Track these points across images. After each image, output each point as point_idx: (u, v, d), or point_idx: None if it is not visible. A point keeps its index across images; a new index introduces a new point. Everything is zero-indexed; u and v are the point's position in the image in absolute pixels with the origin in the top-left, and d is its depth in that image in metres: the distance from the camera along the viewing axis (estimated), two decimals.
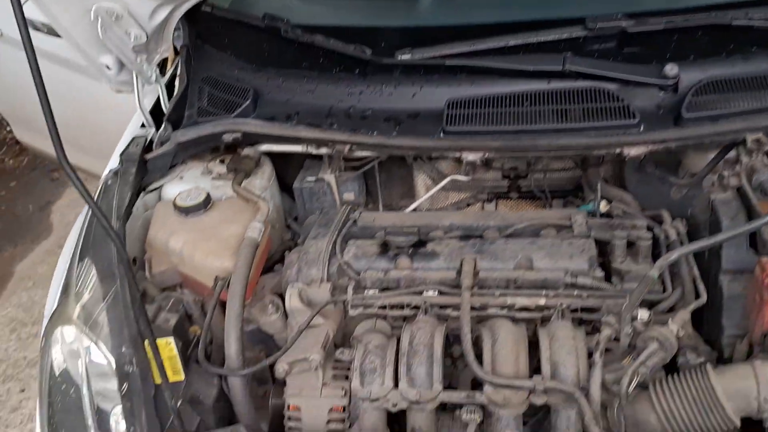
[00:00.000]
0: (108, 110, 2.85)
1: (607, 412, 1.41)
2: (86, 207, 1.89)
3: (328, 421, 1.49)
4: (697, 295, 1.56)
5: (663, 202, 1.85)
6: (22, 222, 4.50)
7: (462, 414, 1.41)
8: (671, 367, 1.44)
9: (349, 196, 2.26)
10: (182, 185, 1.95)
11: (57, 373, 1.52)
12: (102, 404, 1.39)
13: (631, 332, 1.40)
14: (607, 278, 1.65)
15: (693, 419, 1.31)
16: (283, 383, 1.55)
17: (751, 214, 1.64)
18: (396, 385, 1.42)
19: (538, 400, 1.34)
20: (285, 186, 2.27)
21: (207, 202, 1.81)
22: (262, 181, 2.01)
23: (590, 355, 1.40)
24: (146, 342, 1.44)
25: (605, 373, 1.39)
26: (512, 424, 1.37)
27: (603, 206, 1.85)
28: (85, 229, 1.76)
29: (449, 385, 1.64)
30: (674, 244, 1.67)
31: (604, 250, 1.73)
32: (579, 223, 1.74)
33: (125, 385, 1.36)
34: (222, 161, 2.06)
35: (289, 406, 1.52)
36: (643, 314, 1.47)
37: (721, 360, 1.58)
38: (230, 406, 1.49)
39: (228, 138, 1.92)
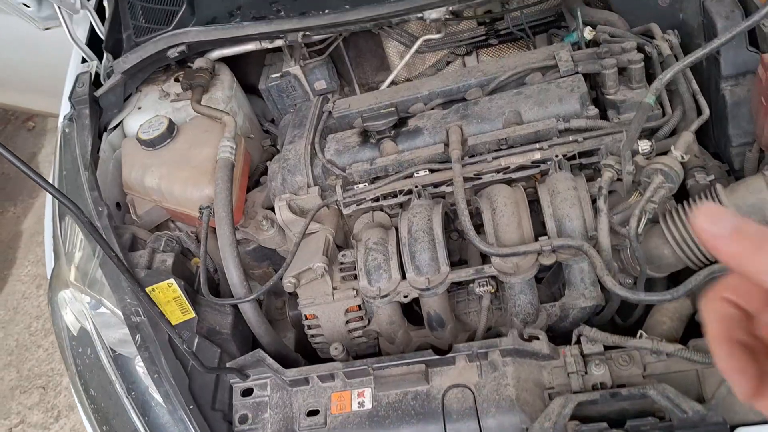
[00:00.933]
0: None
1: (620, 254, 1.38)
2: (54, 159, 1.80)
3: (347, 322, 1.49)
4: (699, 111, 1.46)
5: (652, 14, 1.69)
6: (13, 179, 4.42)
7: (475, 288, 1.39)
8: (681, 193, 1.38)
9: (321, 84, 2.12)
10: (142, 115, 1.84)
11: (75, 335, 1.52)
12: (124, 351, 1.40)
13: (633, 169, 1.32)
14: (603, 113, 1.55)
15: None
16: (297, 294, 1.54)
17: (747, 8, 1.49)
18: (403, 276, 1.39)
19: (548, 261, 1.30)
20: (252, 88, 2.14)
21: (171, 129, 1.71)
22: (224, 91, 1.89)
23: (594, 201, 1.34)
24: (147, 289, 1.42)
25: (612, 216, 1.34)
26: (526, 289, 1.35)
27: (587, 33, 1.70)
28: (57, 186, 1.69)
29: (460, 259, 1.63)
30: (668, 60, 1.54)
31: (595, 82, 1.62)
32: (564, 59, 1.60)
33: (138, 337, 1.35)
34: (177, 80, 1.92)
35: (306, 316, 1.52)
36: (644, 145, 1.38)
37: (733, 172, 1.52)
38: (250, 329, 1.48)
39: (173, 54, 1.77)
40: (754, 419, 1.05)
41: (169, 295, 1.43)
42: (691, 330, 1.26)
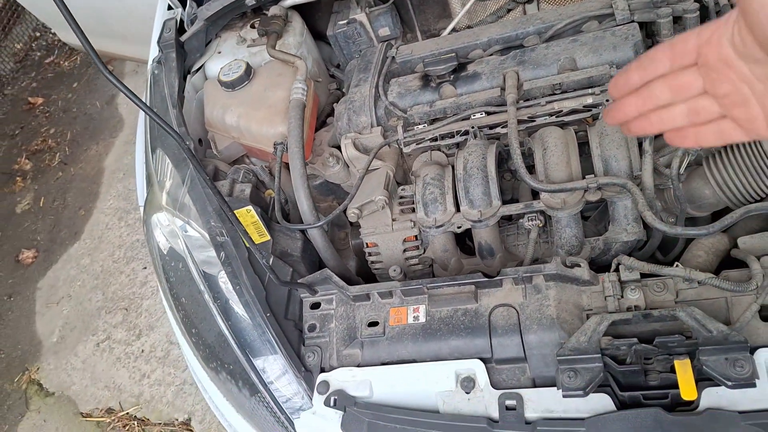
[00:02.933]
0: None
1: (663, 193, 1.47)
2: (144, 97, 2.00)
3: (404, 250, 1.64)
4: None
5: None
6: (95, 119, 4.75)
7: (524, 222, 1.51)
8: None
9: (385, 31, 2.22)
10: (222, 60, 2.00)
11: (165, 252, 1.74)
12: (209, 270, 1.59)
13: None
14: None
15: (748, 186, 1.34)
16: (359, 225, 1.70)
17: None
18: (458, 209, 1.53)
19: (593, 197, 1.41)
20: (320, 34, 2.26)
21: (249, 72, 1.86)
22: (295, 37, 2.02)
23: (641, 144, 1.43)
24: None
25: (657, 157, 1.42)
26: (572, 223, 1.46)
27: None
28: (147, 123, 1.89)
29: (512, 198, 1.74)
30: (725, 10, 1.57)
31: (651, 31, 1.67)
32: (620, 8, 1.66)
33: (222, 254, 1.54)
34: (253, 26, 2.07)
35: (367, 244, 1.68)
36: None
37: None
38: (317, 254, 1.66)
39: (250, 2, 1.91)
40: None
41: (247, 219, 1.61)
42: (726, 265, 1.35)
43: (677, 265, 1.32)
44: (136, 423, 2.96)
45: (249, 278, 1.50)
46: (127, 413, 3.02)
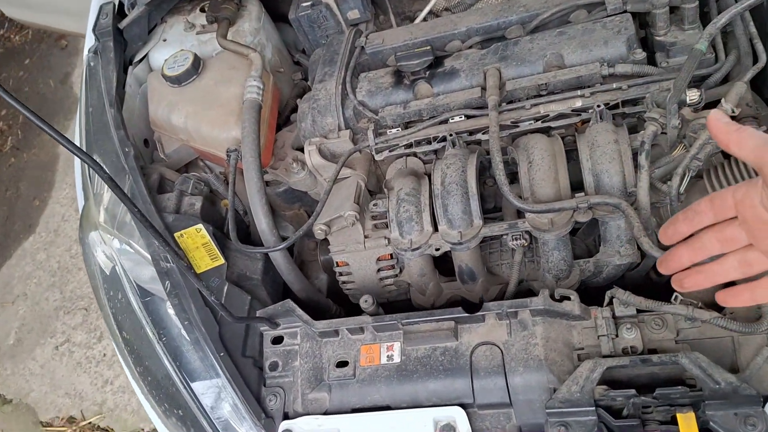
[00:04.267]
0: None
1: (660, 210, 1.33)
2: (80, 94, 1.79)
3: (378, 270, 1.48)
4: (755, 59, 1.35)
5: None
6: (49, 100, 4.45)
7: (508, 241, 1.36)
8: None
9: (354, 14, 2.01)
10: (167, 48, 1.79)
11: (108, 274, 1.56)
12: (156, 296, 1.42)
13: (679, 124, 1.25)
14: (651, 55, 1.45)
15: None
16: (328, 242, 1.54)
17: None
18: (435, 228, 1.37)
19: (583, 218, 1.26)
20: (282, 16, 2.05)
21: (197, 65, 1.65)
22: (251, 23, 1.81)
23: (636, 156, 1.28)
24: (176, 235, 1.43)
25: (653, 170, 1.28)
26: (560, 246, 1.31)
27: None
28: (83, 122, 1.68)
29: (495, 206, 1.59)
30: (726, 1, 1.42)
31: (645, 21, 1.50)
32: None
33: (167, 283, 1.37)
34: (202, 9, 1.85)
35: (337, 263, 1.52)
36: (692, 95, 1.30)
37: None
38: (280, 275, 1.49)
39: None
40: None
41: (197, 240, 1.44)
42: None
43: (677, 297, 1.18)
44: None
45: (199, 311, 1.34)
46: (90, 423, 2.87)
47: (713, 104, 1.34)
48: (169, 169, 1.69)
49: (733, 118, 1.22)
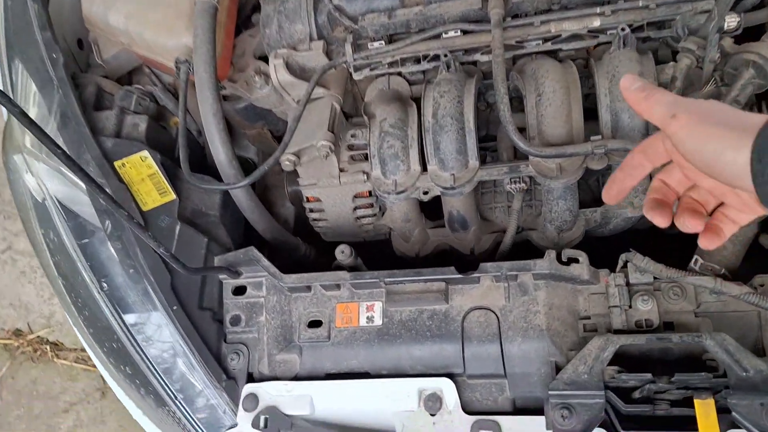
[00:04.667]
0: None
1: None
2: None
3: (355, 208, 1.30)
4: None
5: None
6: None
7: (505, 183, 1.19)
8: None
9: None
10: None
11: (41, 202, 1.33)
12: (96, 239, 1.21)
13: (718, 57, 1.06)
14: None
15: None
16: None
17: None
18: (424, 168, 1.18)
19: (598, 165, 1.09)
20: None
21: None
22: None
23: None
24: (116, 164, 1.20)
25: None
26: (567, 195, 1.15)
27: None
28: (0, 23, 1.38)
29: (487, 134, 1.40)
30: None
31: None
32: None
33: (108, 223, 1.16)
34: None
35: (307, 198, 1.32)
36: (730, 20, 1.10)
37: None
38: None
39: None
40: None
41: (142, 170, 1.22)
42: (753, 253, 1.09)
43: (697, 261, 1.05)
44: (48, 347, 2.66)
45: (147, 257, 1.14)
46: (38, 336, 2.70)
47: (754, 30, 1.15)
48: (109, 78, 1.42)
49: None
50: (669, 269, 1.00)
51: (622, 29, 1.13)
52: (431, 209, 1.30)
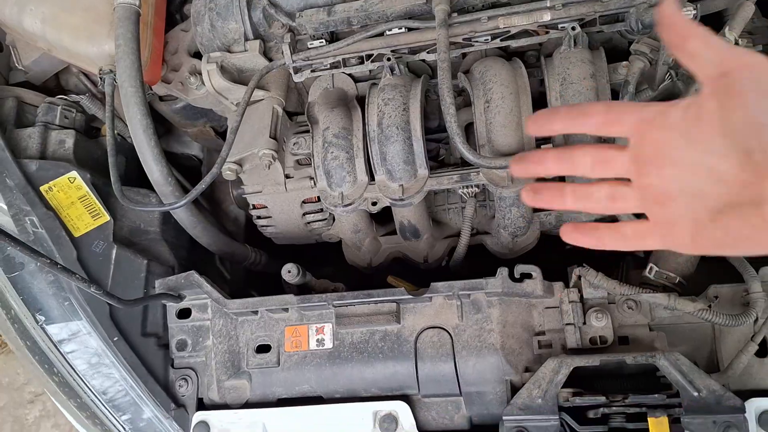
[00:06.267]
0: None
1: None
2: None
3: (304, 214, 1.25)
4: None
5: None
6: None
7: (458, 190, 1.14)
8: None
9: None
10: None
11: None
12: (26, 272, 1.14)
13: (672, 60, 1.01)
14: None
15: None
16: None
17: None
18: (372, 177, 1.12)
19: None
20: None
21: None
22: None
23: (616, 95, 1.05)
24: (42, 188, 1.12)
25: None
26: (519, 201, 1.10)
27: None
28: None
29: (439, 125, 1.33)
30: None
31: None
32: None
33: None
34: None
35: (253, 205, 1.26)
36: (686, 12, 1.05)
37: None
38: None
39: None
40: None
41: (72, 193, 1.14)
42: (707, 260, 1.08)
43: (652, 269, 1.03)
44: None
45: (80, 291, 1.08)
46: None
47: (711, 21, 1.10)
48: (32, 84, 1.32)
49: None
50: (622, 285, 0.97)
51: (573, 28, 1.07)
52: (382, 215, 1.25)
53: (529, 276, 1.01)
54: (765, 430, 0.90)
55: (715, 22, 1.14)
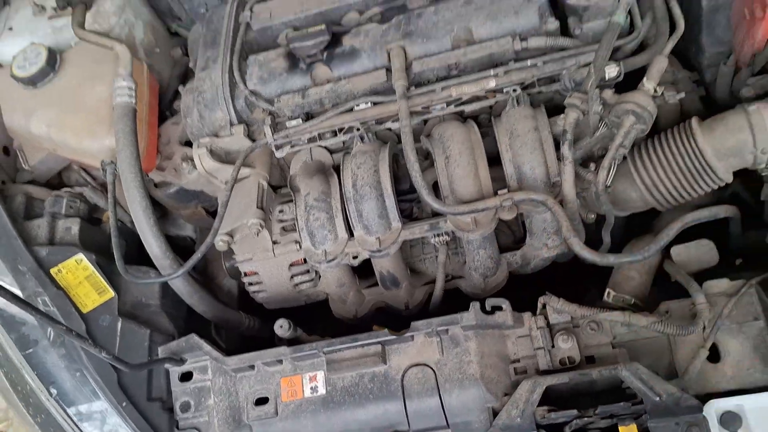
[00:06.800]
0: None
1: (586, 198, 1.26)
2: None
3: (292, 276, 1.35)
4: (672, 26, 1.27)
5: None
6: None
7: (430, 238, 1.26)
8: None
9: None
10: (16, 39, 1.50)
11: None
12: (40, 348, 1.23)
13: (602, 109, 1.16)
14: (563, 22, 1.34)
15: (681, 188, 1.16)
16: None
17: None
18: (351, 234, 1.24)
19: (508, 215, 1.17)
20: None
21: (53, 62, 1.40)
22: (113, 0, 1.54)
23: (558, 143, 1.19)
24: (52, 271, 1.23)
25: (575, 152, 1.19)
26: (486, 244, 1.23)
27: None
28: None
29: (410, 187, 1.46)
30: None
31: None
32: None
33: (50, 331, 1.18)
34: None
35: (245, 273, 1.37)
36: (611, 71, 1.21)
37: (703, 83, 1.38)
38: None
39: None
40: (728, 387, 1.02)
41: (79, 274, 1.25)
42: (659, 280, 1.19)
43: (610, 293, 1.14)
44: None
45: (91, 358, 1.17)
46: None
47: (632, 75, 1.26)
48: (38, 183, 1.46)
49: (654, 96, 1.15)
50: (582, 308, 1.08)
51: (514, 90, 1.24)
52: (364, 269, 1.36)
53: (499, 308, 1.11)
54: (727, 430, 0.98)
55: (638, 76, 1.30)
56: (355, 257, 1.24)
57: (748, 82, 1.23)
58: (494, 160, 1.25)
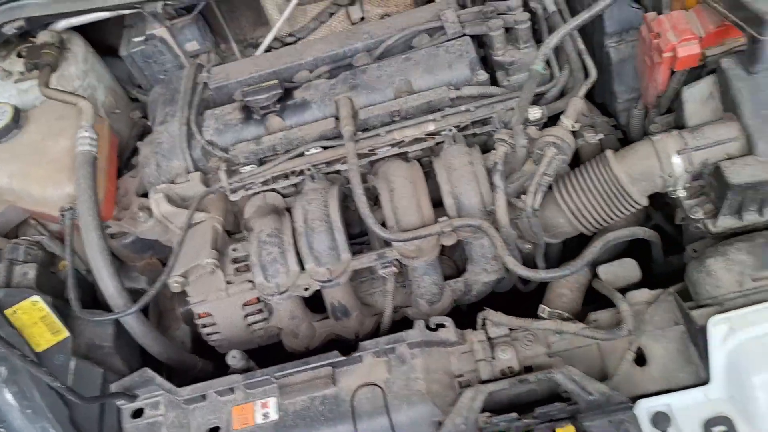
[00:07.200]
0: None
1: (518, 222, 1.37)
2: None
3: (245, 316, 1.39)
4: (587, 73, 1.43)
5: None
6: None
7: (378, 269, 1.34)
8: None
9: (192, 45, 1.90)
10: None
11: None
12: None
13: (527, 143, 1.29)
14: (492, 74, 1.50)
15: (602, 211, 1.27)
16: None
17: None
18: (302, 267, 1.31)
19: (449, 241, 1.26)
20: (112, 49, 1.88)
21: (17, 119, 1.47)
22: (77, 65, 1.65)
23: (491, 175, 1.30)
24: (7, 312, 1.25)
25: (508, 185, 1.30)
26: (430, 270, 1.31)
27: None
28: None
29: (361, 231, 1.55)
30: (554, 18, 1.49)
31: (483, 42, 1.56)
32: (450, 21, 1.51)
33: (2, 368, 1.19)
34: (20, 55, 1.66)
35: (199, 315, 1.41)
36: (534, 113, 1.35)
37: (620, 127, 1.53)
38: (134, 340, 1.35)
39: (10, 30, 1.51)
40: (657, 388, 1.08)
41: (34, 314, 1.27)
42: (590, 297, 1.28)
43: (544, 310, 1.22)
44: None
45: (44, 396, 1.17)
46: None
47: (554, 118, 1.40)
48: None
49: (573, 131, 1.28)
50: (518, 319, 1.16)
51: (450, 130, 1.36)
52: (315, 303, 1.41)
53: (443, 326, 1.18)
54: (658, 430, 1.04)
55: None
56: (306, 289, 1.30)
57: (655, 120, 1.38)
58: (438, 203, 1.35)
